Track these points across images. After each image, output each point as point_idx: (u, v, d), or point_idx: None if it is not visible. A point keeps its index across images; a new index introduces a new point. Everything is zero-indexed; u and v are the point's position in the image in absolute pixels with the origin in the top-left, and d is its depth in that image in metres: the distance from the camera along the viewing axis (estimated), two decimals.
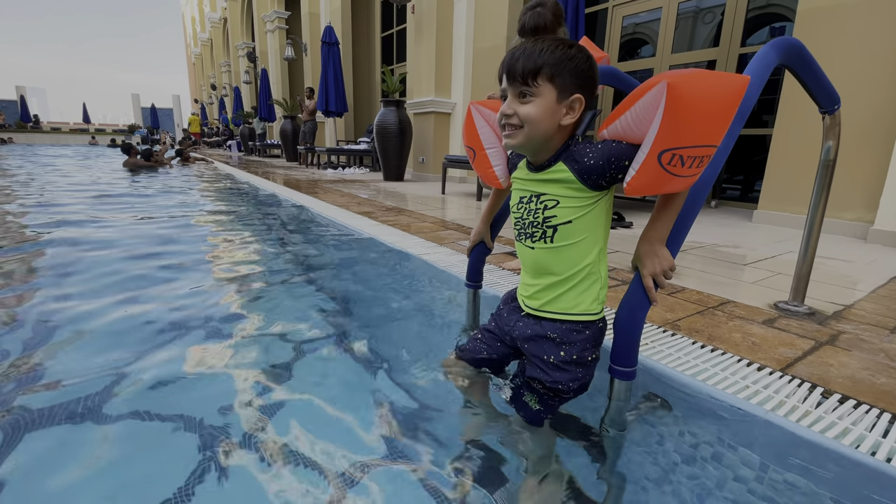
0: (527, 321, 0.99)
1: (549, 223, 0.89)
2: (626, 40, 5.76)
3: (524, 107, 0.83)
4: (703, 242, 2.79)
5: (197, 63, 32.88)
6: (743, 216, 4.10)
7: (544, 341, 0.94)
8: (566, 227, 0.88)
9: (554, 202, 0.88)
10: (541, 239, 0.92)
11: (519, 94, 0.84)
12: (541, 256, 0.93)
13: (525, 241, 0.96)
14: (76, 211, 3.85)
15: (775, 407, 0.99)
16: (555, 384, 0.92)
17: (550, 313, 0.94)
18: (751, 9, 4.59)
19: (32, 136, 24.13)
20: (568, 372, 0.91)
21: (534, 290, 0.97)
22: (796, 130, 3.47)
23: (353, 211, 3.70)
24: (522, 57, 0.82)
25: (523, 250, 0.98)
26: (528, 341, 0.97)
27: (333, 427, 1.08)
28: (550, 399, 0.95)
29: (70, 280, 2.06)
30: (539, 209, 0.90)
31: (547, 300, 0.94)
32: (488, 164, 1.14)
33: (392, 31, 10.96)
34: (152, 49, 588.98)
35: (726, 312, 1.56)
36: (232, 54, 20.59)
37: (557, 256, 0.91)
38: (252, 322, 1.66)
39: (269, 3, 14.47)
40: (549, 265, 0.92)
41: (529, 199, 0.93)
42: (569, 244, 0.89)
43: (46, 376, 1.25)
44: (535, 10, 1.79)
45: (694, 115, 0.74)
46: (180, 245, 2.76)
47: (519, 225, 0.97)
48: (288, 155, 11.80)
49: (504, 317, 1.05)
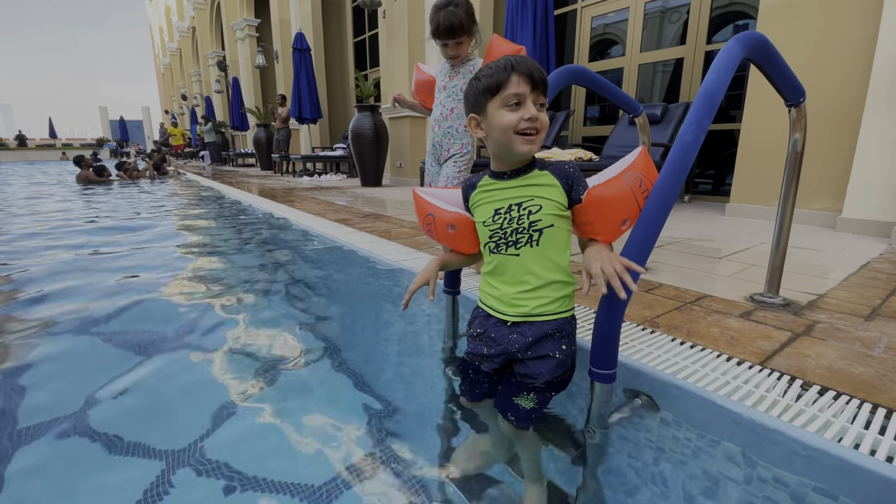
0: (520, 330, 0.96)
1: (535, 227, 0.93)
2: (595, 41, 5.83)
3: (543, 114, 0.92)
4: (678, 237, 2.82)
5: (166, 73, 32.15)
6: (716, 209, 4.17)
7: (546, 340, 0.95)
8: (550, 231, 0.93)
9: (537, 207, 0.93)
10: (527, 244, 0.94)
11: (538, 102, 0.91)
12: (527, 261, 0.95)
13: (508, 249, 0.96)
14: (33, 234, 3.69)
15: (756, 402, 0.98)
16: (557, 377, 0.95)
17: (542, 316, 0.95)
18: (715, 7, 4.70)
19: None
20: (566, 364, 0.96)
21: (516, 298, 0.96)
22: (763, 124, 3.55)
23: (330, 218, 3.63)
24: (538, 69, 0.91)
25: (505, 259, 0.97)
26: (530, 347, 0.95)
27: (312, 439, 1.04)
28: (548, 393, 0.96)
29: (37, 302, 1.96)
30: (523, 215, 0.94)
31: (535, 305, 0.95)
32: (448, 212, 1.07)
33: (364, 37, 10.89)
34: (120, 61, 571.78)
35: (704, 307, 1.56)
36: (202, 63, 20.18)
37: (543, 258, 0.94)
38: (225, 338, 1.59)
39: (239, 10, 14.23)
40: (535, 268, 0.94)
41: (509, 209, 0.96)
42: (552, 245, 0.94)
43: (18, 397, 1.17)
44: (447, 10, 1.71)
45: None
46: (146, 264, 2.66)
47: (497, 236, 0.98)
48: (262, 164, 11.61)
49: (493, 337, 1.00)
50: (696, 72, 4.84)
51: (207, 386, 1.30)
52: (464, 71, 1.81)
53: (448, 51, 1.76)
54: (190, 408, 1.20)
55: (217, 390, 1.27)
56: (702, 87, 1.00)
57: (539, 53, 4.54)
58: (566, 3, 6.00)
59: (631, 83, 5.42)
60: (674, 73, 5.14)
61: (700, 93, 0.98)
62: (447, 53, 1.78)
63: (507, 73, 0.89)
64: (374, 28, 9.98)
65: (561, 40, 6.05)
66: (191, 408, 1.20)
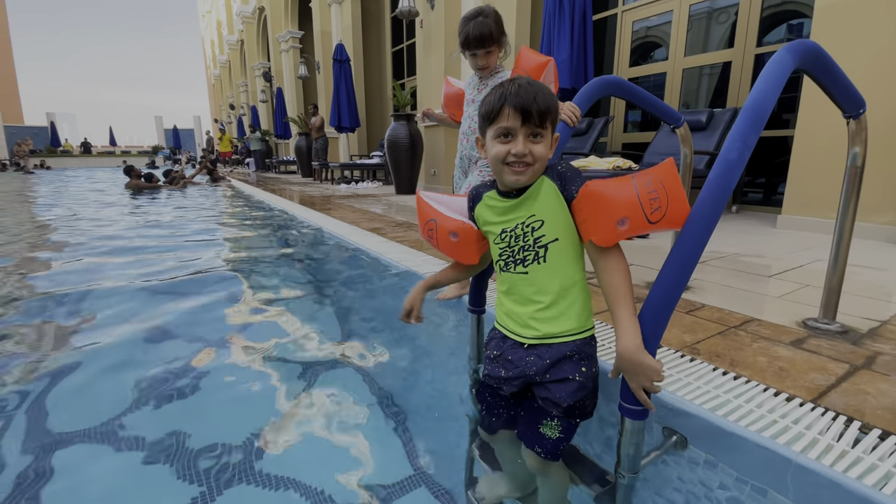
0: (537, 352, 0.93)
1: (540, 242, 0.91)
2: (636, 45, 5.66)
3: (536, 146, 0.89)
4: (724, 252, 2.67)
5: (216, 84, 33.83)
6: (766, 221, 3.93)
7: (564, 362, 0.91)
8: (557, 245, 0.91)
9: (539, 222, 0.91)
10: (534, 261, 0.92)
11: (531, 133, 0.89)
12: (536, 278, 0.92)
13: (516, 267, 0.95)
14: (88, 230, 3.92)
15: (807, 446, 0.89)
16: (579, 401, 0.90)
17: (558, 337, 0.91)
18: (766, 7, 4.46)
19: (63, 160, 25.06)
20: (587, 387, 0.91)
21: (531, 319, 0.93)
22: (820, 130, 3.31)
23: (364, 227, 3.67)
24: (537, 100, 0.87)
25: (513, 278, 0.96)
26: (548, 370, 0.91)
27: (335, 450, 1.04)
28: (572, 419, 0.92)
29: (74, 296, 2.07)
30: (527, 232, 0.92)
31: (549, 325, 0.92)
32: (451, 219, 1.06)
33: (402, 46, 11.06)
34: (175, 73, 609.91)
35: (750, 332, 1.45)
36: (249, 75, 21.09)
37: (552, 273, 0.92)
38: (255, 344, 1.62)
39: (284, 23, 14.80)
40: (544, 284, 0.92)
41: (514, 228, 0.94)
42: (560, 259, 0.92)
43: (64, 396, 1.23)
44: (476, 20, 1.69)
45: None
46: (189, 263, 2.76)
47: (506, 255, 0.96)
48: (303, 171, 11.95)
49: (510, 359, 0.96)
50: (744, 76, 4.60)
51: (218, 396, 1.32)
52: (492, 83, 1.78)
53: (477, 61, 1.75)
54: (211, 415, 1.22)
55: (234, 402, 1.29)
56: (748, 100, 0.93)
57: (577, 60, 4.45)
58: (605, 7, 5.86)
59: (674, 88, 5.22)
60: (720, 78, 4.91)
61: (746, 106, 0.92)
62: (476, 64, 1.76)
63: (499, 104, 0.88)
64: (412, 38, 10.11)
65: (600, 46, 5.91)
66: (211, 415, 1.22)
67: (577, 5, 4.31)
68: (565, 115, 1.34)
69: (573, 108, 1.34)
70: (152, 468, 1.03)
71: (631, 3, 5.59)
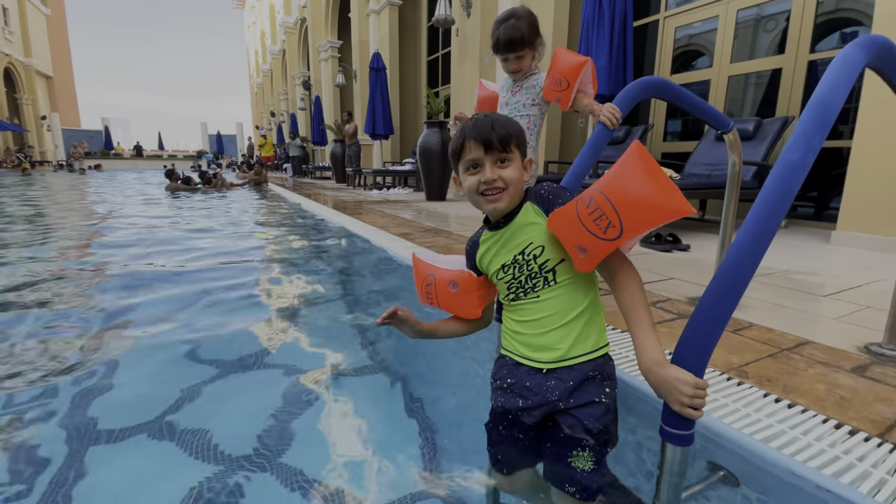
0: (558, 375, 0.87)
1: (546, 267, 0.89)
2: (679, 52, 5.48)
3: (505, 170, 0.90)
4: (773, 268, 2.50)
5: (259, 92, 35.14)
6: (819, 237, 3.68)
7: (588, 384, 0.86)
8: (564, 265, 0.88)
9: (539, 248, 0.89)
10: (545, 286, 0.89)
11: (498, 160, 0.90)
12: (549, 302, 0.88)
13: (528, 296, 0.91)
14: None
15: (874, 487, 0.79)
16: (606, 426, 0.85)
17: (578, 357, 0.86)
18: (820, 13, 4.22)
19: (115, 162, 26.52)
20: (611, 409, 0.87)
21: (548, 342, 0.88)
22: (881, 141, 3.08)
23: (392, 232, 3.66)
24: (495, 128, 0.89)
25: (526, 305, 0.91)
26: (572, 394, 0.85)
27: (348, 456, 1.00)
28: (602, 448, 0.85)
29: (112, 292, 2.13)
30: (529, 261, 0.90)
31: (568, 345, 0.87)
32: (449, 271, 1.04)
33: (437, 55, 11.15)
34: (220, 81, 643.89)
35: (805, 356, 1.33)
36: (289, 83, 21.79)
37: (565, 294, 0.88)
38: (267, 348, 1.61)
39: (324, 33, 15.23)
40: (559, 306, 0.88)
41: (514, 261, 0.92)
42: (571, 277, 0.88)
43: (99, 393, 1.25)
44: (508, 23, 1.61)
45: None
46: (217, 255, 2.81)
47: (514, 287, 0.92)
48: (337, 177, 12.18)
49: (528, 386, 0.89)
50: (796, 84, 4.36)
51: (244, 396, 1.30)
52: (527, 86, 1.72)
53: (509, 65, 1.69)
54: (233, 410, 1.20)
55: (256, 403, 1.27)
56: (813, 98, 0.83)
57: (616, 66, 4.33)
58: (647, 13, 5.71)
59: (719, 97, 5.01)
60: (769, 86, 4.68)
61: (811, 103, 0.82)
62: (508, 68, 1.71)
63: (461, 140, 0.91)
64: (447, 47, 10.17)
65: (640, 52, 5.75)
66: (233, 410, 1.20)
67: (617, 10, 4.21)
68: (604, 117, 1.27)
69: (613, 110, 1.27)
70: (169, 456, 1.02)
71: (674, 8, 5.42)
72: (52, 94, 30.26)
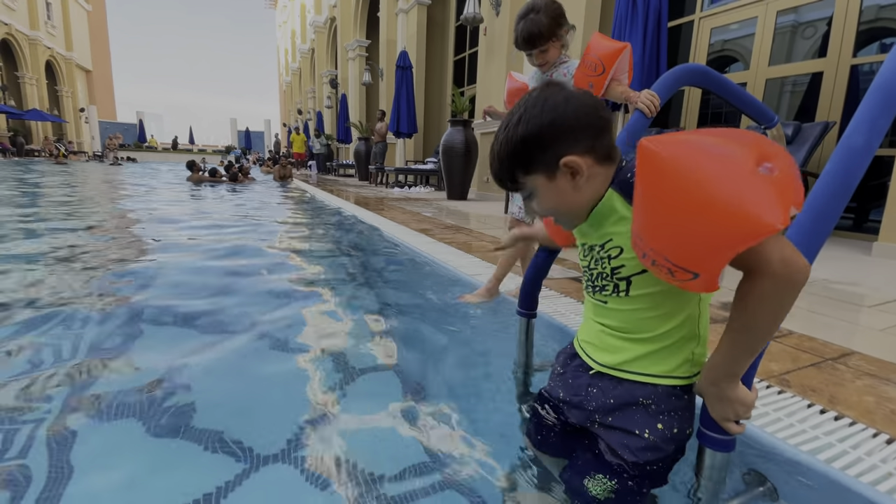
0: (602, 385, 0.75)
1: (619, 274, 0.71)
2: (714, 54, 5.32)
3: (535, 204, 0.76)
4: (811, 277, 2.36)
5: (287, 90, 35.79)
6: (859, 249, 3.50)
7: (634, 409, 0.71)
8: (643, 278, 0.68)
9: (618, 250, 0.70)
10: (614, 293, 0.72)
11: (525, 196, 0.76)
12: (617, 314, 0.73)
13: (595, 294, 0.77)
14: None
15: None
16: (647, 463, 0.70)
17: (635, 374, 0.71)
18: (864, 17, 4.03)
19: (147, 154, 27.31)
20: (662, 450, 0.70)
21: (609, 344, 0.75)
22: None
23: (413, 228, 3.63)
24: (495, 162, 0.75)
25: (594, 306, 0.78)
26: (611, 413, 0.73)
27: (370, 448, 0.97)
28: (631, 482, 0.71)
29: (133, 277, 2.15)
30: (604, 259, 0.73)
31: (628, 358, 0.71)
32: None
33: (464, 55, 11.12)
34: (250, 79, 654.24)
35: (851, 367, 1.23)
36: (317, 81, 22.10)
37: (637, 311, 0.70)
38: (289, 340, 1.59)
39: (352, 32, 15.38)
40: (627, 324, 0.72)
41: (591, 248, 0.76)
42: (652, 293, 0.68)
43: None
44: (527, 18, 1.54)
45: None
46: (241, 253, 2.83)
47: (587, 275, 0.78)
48: (360, 174, 12.26)
49: (570, 383, 0.80)
50: (838, 88, 4.17)
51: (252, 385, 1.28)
52: (556, 75, 1.66)
53: (534, 59, 1.65)
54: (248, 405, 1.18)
55: (270, 392, 1.24)
56: (877, 79, 0.76)
57: (648, 67, 4.22)
58: (682, 13, 5.56)
59: None
60: (808, 91, 4.48)
61: (875, 85, 0.75)
62: (533, 62, 1.67)
63: None
64: (474, 46, 10.13)
65: (674, 53, 5.60)
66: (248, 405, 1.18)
67: (651, 8, 4.10)
68: (643, 104, 1.21)
69: (652, 97, 1.20)
70: (175, 445, 1.00)
71: (710, 8, 5.27)
72: (91, 88, 31.44)
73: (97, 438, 1.01)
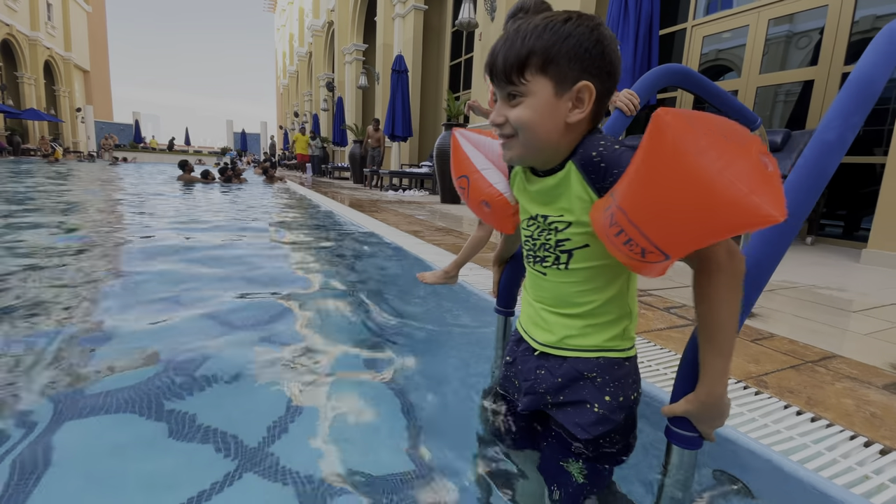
0: (549, 365, 0.74)
1: (563, 247, 0.70)
2: (706, 62, 5.35)
3: (514, 110, 0.66)
4: (797, 283, 2.36)
5: (284, 93, 35.79)
6: (847, 256, 3.51)
7: (581, 384, 0.71)
8: (584, 252, 0.69)
9: (565, 224, 0.69)
10: (553, 265, 0.72)
11: (507, 95, 0.66)
12: (557, 286, 0.72)
13: (535, 265, 0.76)
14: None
15: None
16: (603, 437, 0.70)
17: (575, 350, 0.71)
18: (856, 23, 4.07)
19: (144, 154, 27.16)
20: (613, 421, 0.70)
21: (546, 318, 0.74)
22: None
23: (403, 229, 3.61)
24: (504, 48, 0.65)
25: (534, 276, 0.77)
26: (561, 391, 0.72)
27: (340, 446, 0.95)
28: (597, 464, 0.72)
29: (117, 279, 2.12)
30: (549, 230, 0.71)
31: (566, 335, 0.72)
32: (487, 183, 0.89)
33: (460, 60, 11.17)
34: (247, 81, 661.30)
35: (831, 370, 1.22)
36: (314, 84, 22.13)
37: (575, 284, 0.71)
38: (280, 331, 1.56)
39: (349, 36, 15.43)
40: (567, 295, 0.71)
41: (535, 218, 0.74)
42: (588, 269, 0.69)
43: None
44: (515, 18, 1.54)
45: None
46: (233, 251, 2.80)
47: (528, 245, 0.77)
48: (355, 177, 12.24)
49: (520, 369, 0.79)
50: (829, 96, 4.20)
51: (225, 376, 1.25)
52: None
53: None
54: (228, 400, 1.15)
55: (250, 387, 1.22)
56: (853, 74, 0.75)
57: (640, 73, 4.24)
58: (674, 21, 5.60)
59: None
60: (800, 100, 4.52)
61: (851, 80, 0.74)
62: None
63: (485, 66, 0.70)
64: (470, 52, 10.18)
65: (667, 61, 5.64)
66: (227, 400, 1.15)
67: (643, 15, 4.12)
68: (621, 102, 1.20)
69: (631, 95, 1.20)
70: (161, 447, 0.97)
71: (702, 17, 5.31)
72: (88, 88, 31.31)
73: (75, 437, 0.99)
